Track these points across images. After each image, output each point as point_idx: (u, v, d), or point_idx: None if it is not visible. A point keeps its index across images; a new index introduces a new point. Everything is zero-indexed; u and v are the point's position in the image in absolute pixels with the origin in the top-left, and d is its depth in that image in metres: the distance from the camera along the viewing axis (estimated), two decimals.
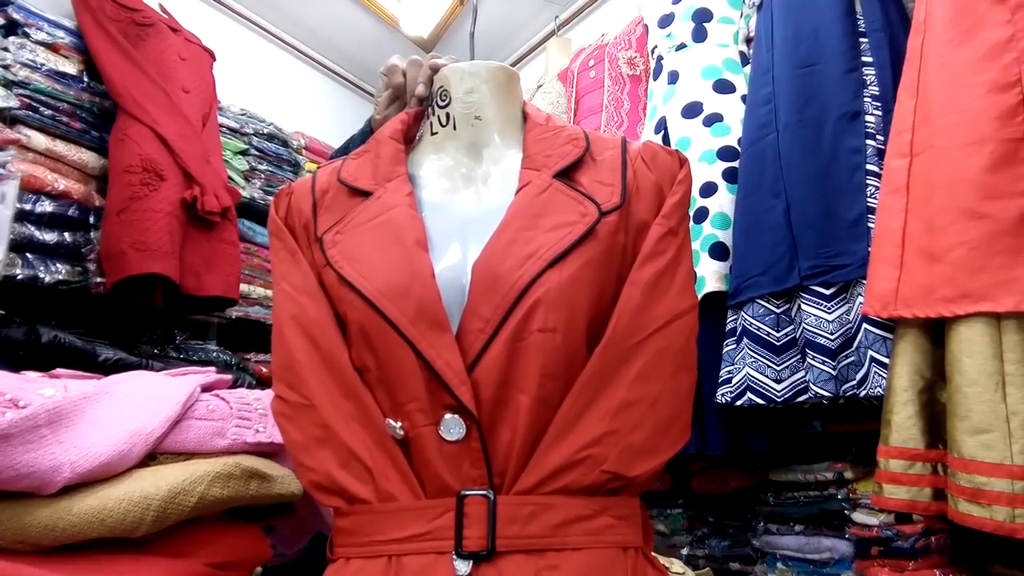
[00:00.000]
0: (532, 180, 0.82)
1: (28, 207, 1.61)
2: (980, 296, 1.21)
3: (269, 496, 1.04)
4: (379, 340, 0.75)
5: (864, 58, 1.58)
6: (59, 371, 1.11)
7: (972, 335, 1.23)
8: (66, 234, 1.68)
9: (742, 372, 1.61)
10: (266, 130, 2.60)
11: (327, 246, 0.82)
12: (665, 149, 0.88)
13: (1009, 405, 1.20)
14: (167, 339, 1.90)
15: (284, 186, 0.93)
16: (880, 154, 1.48)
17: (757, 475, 1.88)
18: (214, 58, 2.27)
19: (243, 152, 2.48)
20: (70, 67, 1.79)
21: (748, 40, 1.92)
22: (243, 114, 2.55)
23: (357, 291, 0.76)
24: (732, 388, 1.63)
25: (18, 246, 1.58)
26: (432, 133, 0.94)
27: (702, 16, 1.94)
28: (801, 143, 1.60)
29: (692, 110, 1.85)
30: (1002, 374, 1.21)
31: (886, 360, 1.38)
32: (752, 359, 1.61)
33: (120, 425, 0.94)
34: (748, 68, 1.86)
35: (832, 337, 1.49)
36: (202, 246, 1.86)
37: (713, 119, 1.82)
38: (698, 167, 1.80)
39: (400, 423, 0.74)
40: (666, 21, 2.03)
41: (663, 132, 1.91)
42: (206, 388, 1.14)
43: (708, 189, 1.77)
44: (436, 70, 0.96)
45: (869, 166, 1.50)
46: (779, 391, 1.57)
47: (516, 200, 0.81)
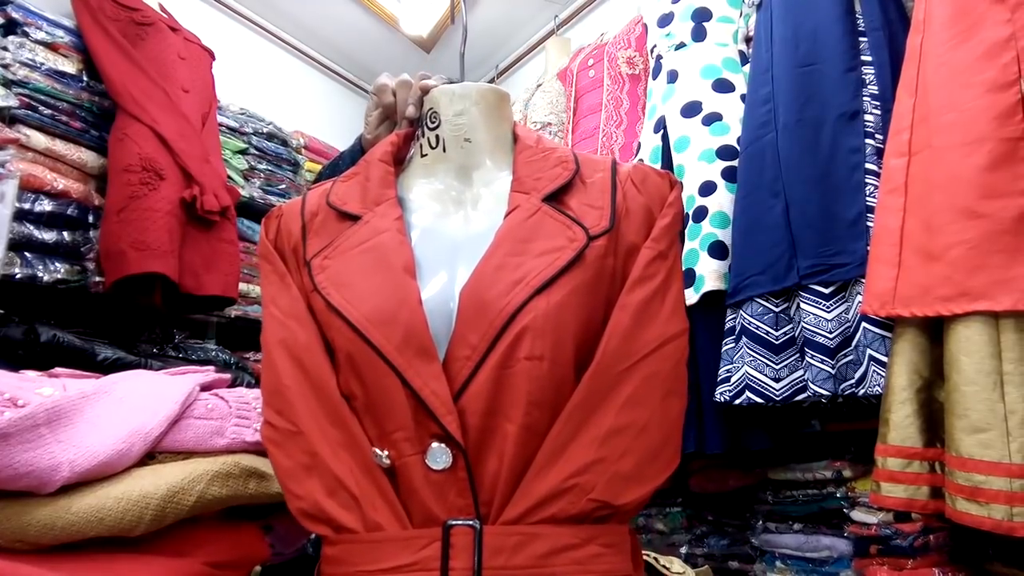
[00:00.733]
0: (521, 204, 0.82)
1: (27, 206, 1.61)
2: (978, 295, 1.22)
3: (268, 495, 1.04)
4: (366, 368, 0.75)
5: (863, 57, 1.59)
6: (58, 370, 1.10)
7: (970, 334, 1.23)
8: (65, 233, 1.68)
9: (741, 371, 1.61)
10: (265, 129, 2.60)
11: (315, 271, 0.82)
12: (656, 171, 0.88)
13: (1007, 404, 1.20)
14: (166, 338, 1.90)
15: (274, 208, 0.93)
16: (879, 153, 1.48)
17: (756, 474, 1.88)
18: (213, 57, 2.27)
19: (242, 151, 2.48)
20: (69, 66, 1.79)
21: (747, 39, 1.92)
22: (242, 113, 2.55)
23: (344, 318, 0.76)
24: (731, 387, 1.63)
25: (17, 245, 1.58)
26: (422, 155, 0.94)
27: (701, 15, 1.94)
28: (800, 142, 1.60)
29: (691, 109, 1.85)
30: (1000, 373, 1.21)
31: (885, 359, 1.38)
32: (751, 358, 1.61)
33: (119, 424, 0.93)
34: (747, 67, 1.86)
35: (831, 336, 1.50)
36: (201, 245, 1.86)
37: (712, 118, 1.82)
38: (697, 166, 1.80)
39: (386, 452, 0.74)
40: (665, 20, 2.03)
41: (662, 131, 1.91)
42: (205, 387, 1.14)
43: (707, 188, 1.77)
44: (426, 91, 0.96)
45: (868, 165, 1.50)
46: (778, 390, 1.58)
47: (504, 224, 0.81)
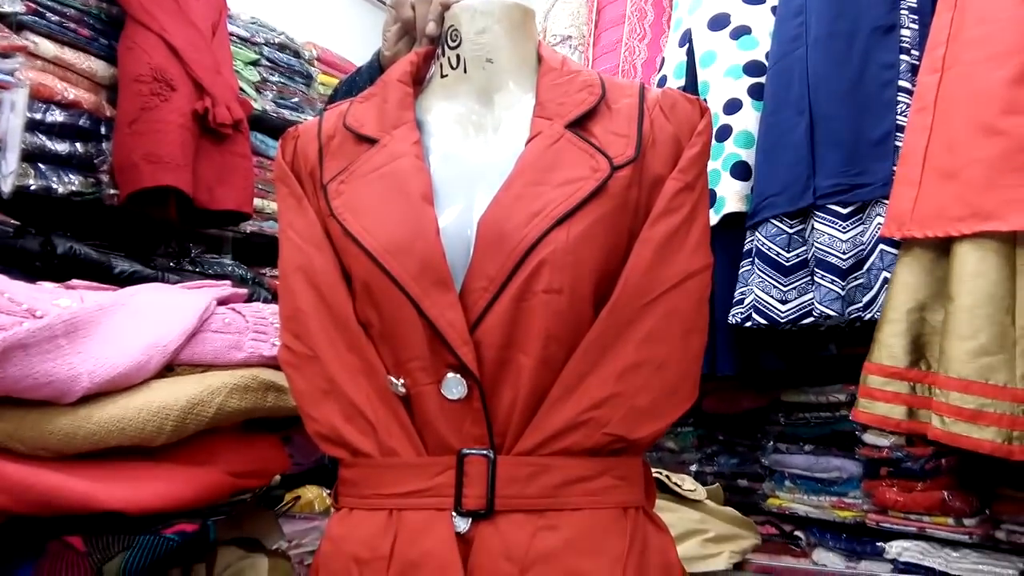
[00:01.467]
0: (543, 130, 0.79)
1: (38, 116, 1.58)
2: (988, 214, 1.18)
3: (286, 408, 1.05)
4: (382, 296, 0.74)
5: None
6: (75, 282, 1.11)
7: (985, 254, 1.20)
8: (78, 144, 1.66)
9: (752, 294, 1.60)
10: (277, 40, 2.53)
11: (332, 196, 0.80)
12: (686, 97, 0.84)
13: (1018, 329, 1.18)
14: (182, 252, 1.90)
15: (291, 128, 0.90)
16: (915, 70, 1.43)
17: (769, 396, 1.89)
18: None
19: (254, 63, 2.42)
20: None
21: None
22: (253, 22, 2.48)
23: (360, 245, 0.75)
24: (743, 309, 1.62)
25: (30, 156, 1.56)
26: (442, 75, 0.90)
27: None
28: (830, 56, 1.54)
29: (719, 22, 1.78)
30: (1014, 297, 1.19)
31: None
32: (759, 279, 1.59)
33: (137, 336, 0.94)
34: None
35: (844, 257, 1.47)
36: (214, 159, 1.83)
37: (741, 32, 1.75)
38: (723, 82, 1.74)
39: (402, 380, 0.74)
40: None
41: (688, 45, 1.84)
42: (222, 301, 1.14)
43: (732, 106, 1.72)
44: (447, 7, 0.91)
45: (902, 82, 1.45)
46: (783, 312, 1.56)
47: (525, 152, 0.78)
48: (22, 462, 0.81)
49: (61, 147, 1.62)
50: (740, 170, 1.69)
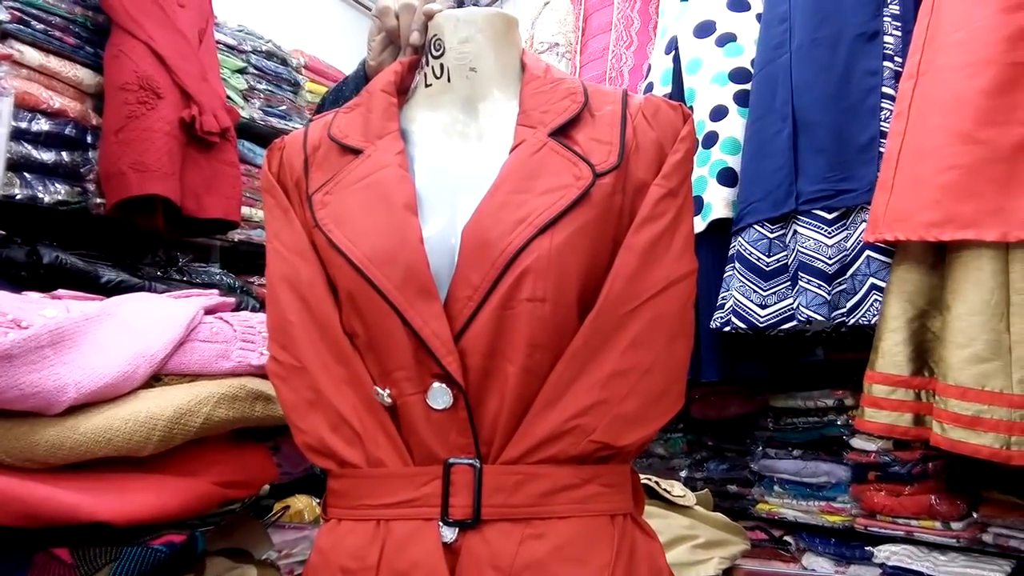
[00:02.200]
0: (527, 139, 0.79)
1: (24, 125, 1.57)
2: (967, 223, 1.19)
3: (274, 418, 1.05)
4: (367, 306, 0.74)
5: None
6: (61, 292, 1.10)
7: (980, 264, 1.22)
8: (64, 153, 1.65)
9: (732, 298, 1.61)
10: (264, 47, 2.53)
11: (316, 207, 0.80)
12: (668, 103, 0.84)
13: (1012, 335, 1.19)
14: (169, 261, 1.89)
15: (277, 139, 0.90)
16: (898, 77, 1.44)
17: (757, 401, 1.90)
18: None
19: (241, 70, 2.42)
20: None
21: None
22: (240, 30, 2.48)
23: (344, 256, 0.75)
24: (723, 314, 1.63)
25: (16, 165, 1.55)
26: (426, 85, 0.90)
27: None
28: (814, 63, 1.55)
29: (704, 29, 1.79)
30: (1007, 304, 1.20)
31: None
32: (739, 283, 1.60)
33: (123, 346, 0.93)
34: None
35: (830, 262, 1.48)
36: (202, 167, 1.83)
37: (726, 39, 1.76)
38: (709, 89, 1.75)
39: (388, 390, 0.74)
40: None
41: (674, 52, 1.85)
42: (209, 311, 1.14)
43: (718, 113, 1.73)
44: (430, 16, 0.91)
45: (886, 89, 1.46)
46: (763, 317, 1.56)
47: (509, 161, 0.78)
48: (8, 474, 0.80)
49: (47, 156, 1.61)
50: (726, 176, 1.70)
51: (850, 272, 1.44)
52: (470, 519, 0.70)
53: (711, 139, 1.73)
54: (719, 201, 1.70)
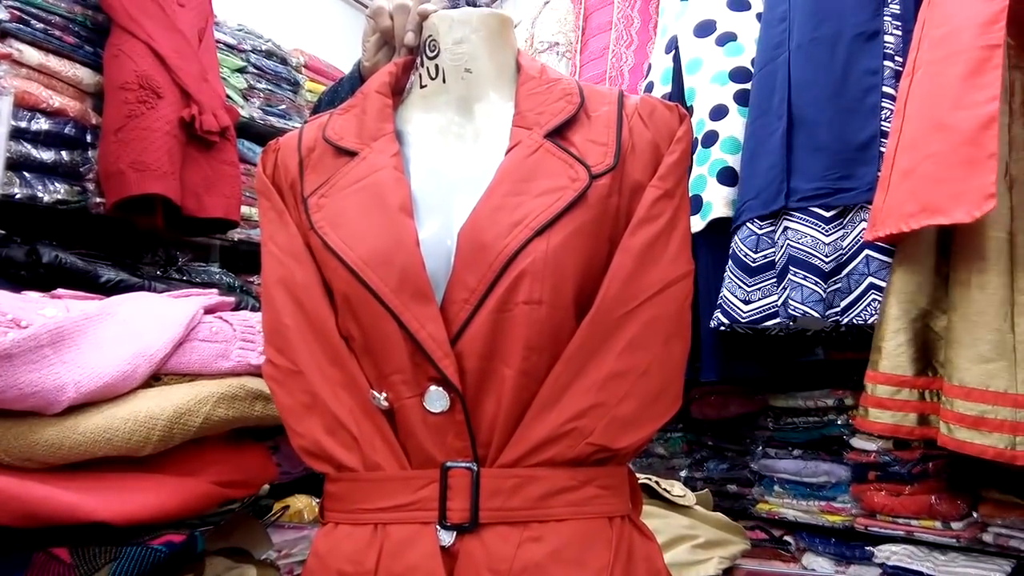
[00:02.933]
0: (522, 140, 0.79)
1: (23, 124, 1.57)
2: (935, 209, 1.19)
3: (274, 417, 1.05)
4: (362, 309, 0.74)
5: None
6: (60, 291, 1.10)
7: (984, 265, 1.22)
8: (63, 153, 1.65)
9: (723, 294, 1.61)
10: (264, 47, 2.52)
11: (312, 210, 0.80)
12: (665, 103, 0.84)
13: (1017, 335, 1.19)
14: (169, 261, 1.89)
15: (272, 141, 0.90)
16: (899, 76, 1.44)
17: (757, 401, 1.90)
18: None
19: (241, 70, 2.42)
20: None
21: None
22: (240, 30, 2.48)
23: (340, 258, 0.75)
24: (717, 312, 1.63)
25: (15, 164, 1.55)
26: (421, 86, 0.89)
27: None
28: (812, 61, 1.55)
29: (705, 28, 1.79)
30: (1012, 304, 1.20)
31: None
32: (728, 279, 1.60)
33: (123, 346, 0.93)
34: None
35: (826, 260, 1.48)
36: (201, 166, 1.83)
37: (726, 38, 1.76)
38: (709, 89, 1.75)
39: (384, 394, 0.74)
40: None
41: (674, 51, 1.85)
42: (209, 310, 1.14)
43: (719, 112, 1.73)
44: (425, 17, 0.90)
45: (886, 88, 1.46)
46: (745, 312, 1.56)
47: (504, 162, 0.78)
48: (7, 473, 0.80)
49: (46, 155, 1.61)
50: (726, 175, 1.70)
51: (846, 271, 1.44)
52: (468, 523, 0.70)
53: (711, 138, 1.73)
54: (719, 200, 1.70)
